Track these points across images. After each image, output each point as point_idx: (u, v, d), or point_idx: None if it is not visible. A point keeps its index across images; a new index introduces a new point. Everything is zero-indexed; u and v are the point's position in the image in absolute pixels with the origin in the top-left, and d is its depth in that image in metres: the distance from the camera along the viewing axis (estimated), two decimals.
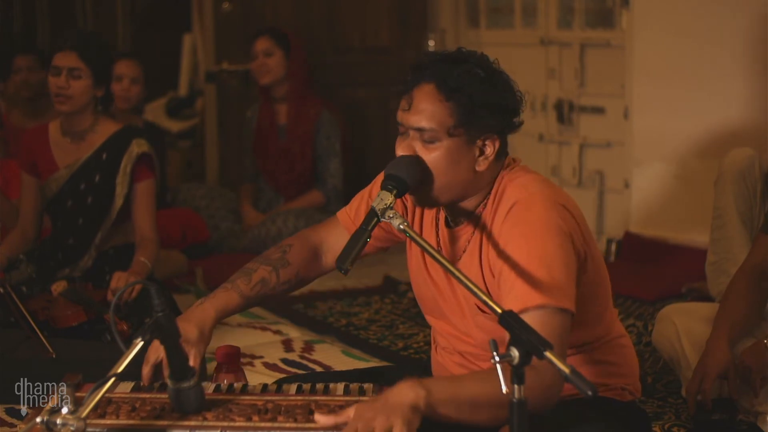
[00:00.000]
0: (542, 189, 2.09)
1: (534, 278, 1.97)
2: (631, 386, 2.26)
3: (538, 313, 1.95)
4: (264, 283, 2.27)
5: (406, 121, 2.09)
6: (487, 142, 2.10)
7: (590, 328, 2.17)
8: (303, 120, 5.13)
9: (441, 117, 2.06)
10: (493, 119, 2.08)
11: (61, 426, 1.69)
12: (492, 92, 2.08)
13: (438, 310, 2.24)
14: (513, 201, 2.07)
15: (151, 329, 1.84)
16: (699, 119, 4.59)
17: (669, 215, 4.75)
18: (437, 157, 2.07)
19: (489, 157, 2.11)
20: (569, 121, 5.23)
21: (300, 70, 5.14)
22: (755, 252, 2.85)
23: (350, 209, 2.36)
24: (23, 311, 3.17)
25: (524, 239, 2.02)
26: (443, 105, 2.06)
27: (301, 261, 2.33)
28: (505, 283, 2.01)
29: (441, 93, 2.06)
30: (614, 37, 5.01)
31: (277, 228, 4.98)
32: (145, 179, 3.57)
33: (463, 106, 2.05)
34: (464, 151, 2.08)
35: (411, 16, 5.66)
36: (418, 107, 2.07)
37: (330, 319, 4.11)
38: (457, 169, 2.08)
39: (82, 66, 3.45)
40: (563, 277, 1.99)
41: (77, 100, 3.47)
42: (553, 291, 1.96)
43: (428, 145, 2.07)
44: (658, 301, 4.07)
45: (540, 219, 2.03)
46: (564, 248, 2.02)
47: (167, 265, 4.55)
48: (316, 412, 1.87)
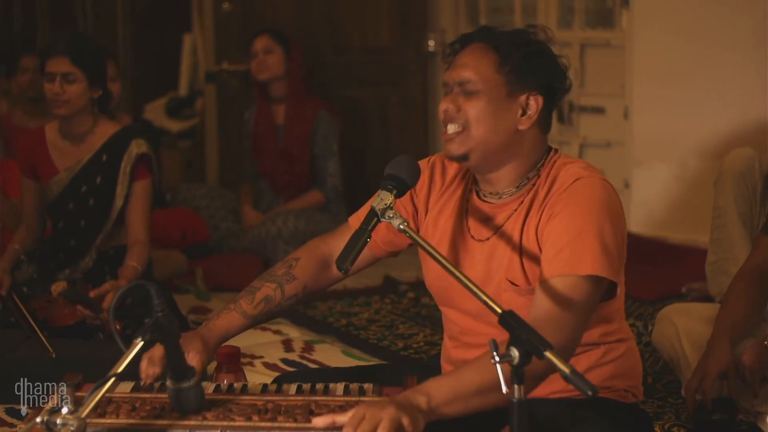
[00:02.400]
0: (601, 174, 2.13)
1: (588, 247, 1.99)
2: (634, 388, 2.26)
3: (583, 280, 1.97)
4: (268, 300, 2.26)
5: (449, 77, 2.13)
6: (530, 99, 2.11)
7: (608, 322, 2.18)
8: (300, 120, 5.13)
9: (485, 69, 2.09)
10: (537, 74, 2.10)
11: (61, 426, 1.69)
12: (537, 49, 2.12)
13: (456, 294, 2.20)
14: (575, 177, 2.08)
15: (151, 329, 1.84)
16: (699, 119, 4.59)
17: (669, 215, 4.76)
18: (479, 106, 2.08)
19: (532, 116, 2.11)
20: (569, 121, 5.23)
21: (298, 69, 5.15)
22: (756, 254, 2.85)
23: (362, 213, 2.32)
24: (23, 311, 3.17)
25: (581, 209, 2.03)
26: (488, 57, 2.09)
27: (308, 274, 2.30)
28: (554, 245, 2.02)
29: (487, 47, 2.10)
30: (614, 37, 5.01)
31: (277, 228, 4.98)
32: (142, 179, 3.57)
33: (508, 58, 2.08)
34: (507, 104, 2.10)
35: (411, 16, 5.66)
36: (462, 61, 2.11)
37: (330, 319, 4.11)
38: (499, 122, 2.09)
39: (75, 70, 3.45)
40: (615, 253, 2.02)
41: (74, 104, 3.47)
42: (604, 263, 1.99)
43: (470, 96, 2.09)
44: (658, 301, 4.07)
45: (600, 197, 2.06)
46: (618, 228, 2.06)
47: (167, 265, 4.55)
48: (313, 419, 1.86)
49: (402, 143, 5.63)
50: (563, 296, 1.96)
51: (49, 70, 3.47)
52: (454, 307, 2.24)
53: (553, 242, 2.02)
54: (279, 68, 5.11)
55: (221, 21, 6.07)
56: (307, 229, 4.96)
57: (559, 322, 1.94)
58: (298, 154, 5.13)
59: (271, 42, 5.11)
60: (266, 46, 5.11)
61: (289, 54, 5.12)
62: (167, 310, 1.86)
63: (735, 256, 3.21)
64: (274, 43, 5.11)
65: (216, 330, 2.19)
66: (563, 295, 1.96)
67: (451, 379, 1.91)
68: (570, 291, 1.96)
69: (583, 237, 2.00)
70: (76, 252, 3.60)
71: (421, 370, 2.21)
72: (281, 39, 5.13)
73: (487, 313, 2.07)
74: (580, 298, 1.96)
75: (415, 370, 2.22)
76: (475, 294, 1.85)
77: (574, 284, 1.97)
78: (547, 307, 1.97)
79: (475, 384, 1.87)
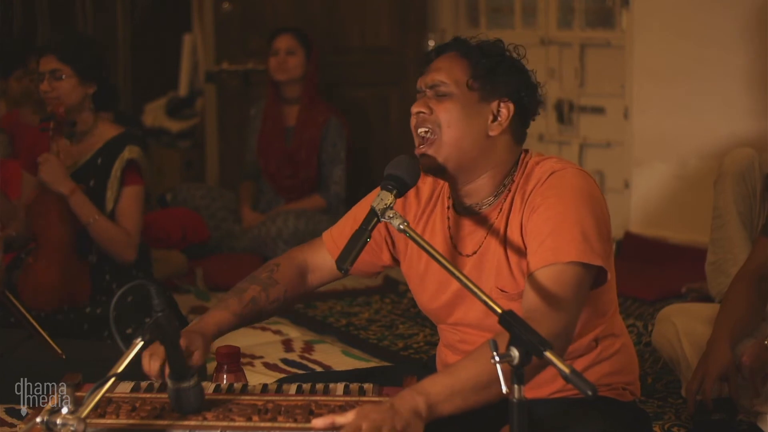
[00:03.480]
0: (576, 165, 2.16)
1: (569, 235, 2.00)
2: (631, 386, 2.27)
3: (568, 267, 1.98)
4: (255, 301, 2.28)
5: (423, 82, 2.16)
6: (501, 105, 2.12)
7: (602, 314, 2.18)
8: (311, 125, 5.11)
9: (457, 73, 2.12)
10: (508, 81, 2.13)
11: (61, 426, 1.69)
12: (509, 60, 2.15)
13: (454, 310, 2.22)
14: (550, 171, 2.10)
15: (151, 329, 1.84)
16: (699, 119, 4.59)
17: (669, 215, 4.76)
18: (449, 108, 2.10)
19: (503, 123, 2.13)
20: (569, 121, 5.23)
21: (315, 73, 5.14)
22: (755, 255, 2.85)
23: (335, 230, 2.36)
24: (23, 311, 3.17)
25: (559, 199, 2.05)
26: (460, 61, 2.13)
27: (289, 280, 2.33)
28: (536, 238, 2.03)
29: (460, 53, 2.14)
30: (614, 37, 5.01)
31: (277, 228, 4.98)
32: (132, 185, 3.59)
33: (480, 63, 2.11)
34: (477, 109, 2.12)
35: (411, 16, 5.66)
36: (436, 66, 2.15)
37: (330, 319, 4.11)
38: (469, 127, 2.11)
39: (62, 66, 3.49)
40: (597, 238, 2.02)
41: (65, 100, 3.49)
42: (586, 249, 1.99)
43: (442, 99, 2.11)
44: (658, 301, 4.07)
45: (577, 185, 2.08)
46: (597, 213, 2.06)
47: (167, 265, 4.55)
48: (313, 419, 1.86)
49: (402, 143, 5.62)
50: (551, 286, 1.98)
51: (39, 69, 3.53)
52: (451, 323, 2.25)
53: (536, 236, 2.04)
54: (299, 70, 5.09)
55: (221, 21, 6.06)
56: (307, 229, 4.95)
57: (550, 311, 1.95)
58: (306, 159, 5.11)
59: (295, 43, 5.09)
60: (289, 46, 5.08)
61: (310, 56, 5.11)
62: (167, 309, 1.87)
63: (735, 257, 3.22)
64: (298, 44, 5.09)
65: (210, 326, 2.19)
66: (550, 284, 1.98)
67: (447, 376, 1.90)
68: (556, 280, 1.98)
69: (563, 226, 2.02)
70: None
71: (421, 370, 2.21)
72: (304, 41, 5.11)
73: (485, 321, 2.09)
74: (568, 285, 1.97)
75: (415, 370, 2.22)
76: (475, 294, 1.85)
77: (560, 272, 1.98)
78: (537, 299, 1.98)
79: (472, 379, 1.87)
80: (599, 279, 2.08)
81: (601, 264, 2.02)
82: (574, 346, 2.13)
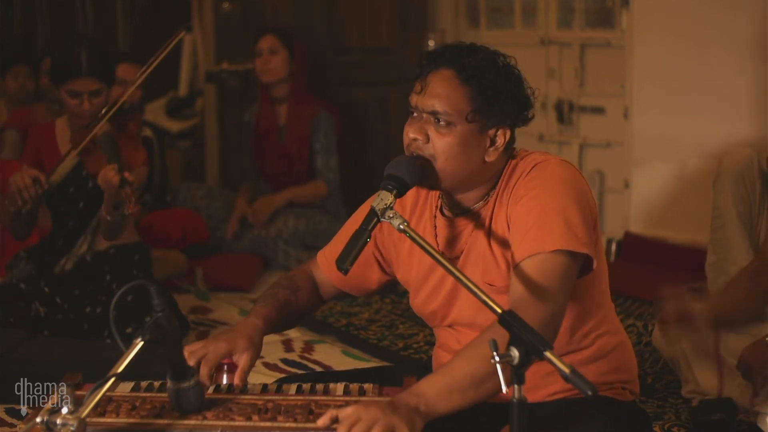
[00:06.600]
0: (559, 156, 2.16)
1: (552, 224, 2.00)
2: (630, 385, 2.26)
3: (553, 256, 1.98)
4: (288, 304, 2.31)
5: (420, 103, 2.10)
6: (498, 133, 2.12)
7: (595, 307, 2.18)
8: (300, 121, 5.13)
9: (458, 102, 2.07)
10: (508, 109, 2.10)
11: (61, 426, 1.69)
12: (508, 83, 2.10)
13: (449, 311, 2.23)
14: (533, 164, 2.11)
15: (151, 329, 1.84)
16: (699, 119, 4.59)
17: (669, 215, 4.75)
18: (450, 142, 2.08)
19: (499, 148, 2.12)
20: (569, 121, 5.23)
21: (301, 71, 5.15)
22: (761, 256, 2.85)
23: (328, 250, 2.39)
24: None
25: (542, 190, 2.05)
26: (461, 90, 2.07)
27: (308, 288, 2.37)
28: (521, 229, 2.03)
29: (459, 78, 2.07)
30: (614, 37, 5.01)
31: (277, 228, 4.98)
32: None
33: (480, 93, 2.07)
34: (476, 140, 2.10)
35: (411, 16, 5.66)
36: (434, 90, 2.08)
37: (330, 319, 4.11)
38: (467, 157, 2.09)
39: (101, 86, 3.58)
40: (581, 226, 2.02)
41: (96, 112, 3.56)
42: (569, 237, 1.99)
43: (442, 129, 2.08)
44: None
45: (560, 175, 2.08)
46: (581, 201, 2.06)
47: (167, 265, 4.56)
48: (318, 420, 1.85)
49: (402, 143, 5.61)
50: (536, 275, 1.98)
51: (74, 89, 3.55)
52: (446, 326, 2.25)
53: (520, 226, 2.04)
54: (283, 70, 5.10)
55: (221, 21, 6.07)
56: (307, 229, 4.96)
57: (536, 300, 1.95)
58: (297, 154, 5.13)
59: (277, 42, 5.10)
60: (271, 46, 5.10)
61: (293, 55, 5.12)
62: (167, 309, 1.87)
63: (735, 257, 3.21)
64: (280, 44, 5.10)
65: (261, 320, 2.21)
66: (536, 274, 1.98)
67: (443, 375, 1.90)
68: (542, 268, 1.98)
69: (547, 215, 2.02)
70: (74, 234, 3.68)
71: (421, 370, 2.21)
72: (286, 40, 5.13)
73: (477, 318, 2.09)
74: (553, 274, 1.98)
75: (415, 370, 2.22)
76: (474, 293, 1.85)
77: (544, 261, 1.98)
78: (523, 289, 1.98)
79: (468, 376, 1.87)
80: (586, 267, 2.08)
81: (587, 251, 2.02)
82: (571, 340, 2.13)
